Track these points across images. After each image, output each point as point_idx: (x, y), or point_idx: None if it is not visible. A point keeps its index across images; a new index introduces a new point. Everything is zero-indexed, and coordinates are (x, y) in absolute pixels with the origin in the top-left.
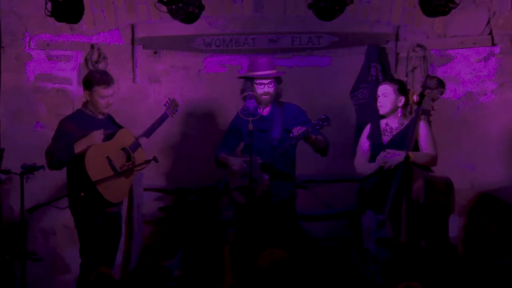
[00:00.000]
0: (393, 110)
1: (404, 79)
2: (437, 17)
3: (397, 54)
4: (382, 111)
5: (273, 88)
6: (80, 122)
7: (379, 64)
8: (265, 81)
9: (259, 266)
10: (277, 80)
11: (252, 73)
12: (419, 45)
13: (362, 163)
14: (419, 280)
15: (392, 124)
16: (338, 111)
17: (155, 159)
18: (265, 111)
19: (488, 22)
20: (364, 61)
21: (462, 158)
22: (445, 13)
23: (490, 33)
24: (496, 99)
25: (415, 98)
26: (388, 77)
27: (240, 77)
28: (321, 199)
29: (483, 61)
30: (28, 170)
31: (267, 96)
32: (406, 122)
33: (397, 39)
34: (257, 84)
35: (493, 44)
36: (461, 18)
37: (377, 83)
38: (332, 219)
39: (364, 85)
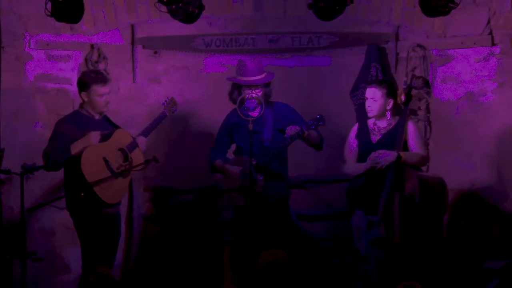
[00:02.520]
0: (382, 113)
1: (404, 79)
2: (437, 17)
3: (397, 54)
4: (370, 114)
5: (260, 92)
6: (77, 123)
7: (379, 64)
8: (251, 87)
9: (259, 266)
10: (265, 84)
11: (239, 78)
12: (419, 45)
13: (351, 163)
14: (414, 279)
15: (380, 124)
16: (338, 111)
17: (155, 159)
18: (256, 112)
19: (488, 22)
20: (364, 61)
21: (462, 158)
22: (445, 13)
23: (490, 33)
24: (496, 99)
25: (403, 98)
26: (376, 80)
27: (229, 79)
28: (321, 199)
29: (483, 61)
30: (28, 170)
31: (253, 100)
32: (393, 121)
33: (397, 39)
34: (243, 88)
35: (493, 44)
36: (461, 18)
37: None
38: (332, 219)
39: (364, 85)
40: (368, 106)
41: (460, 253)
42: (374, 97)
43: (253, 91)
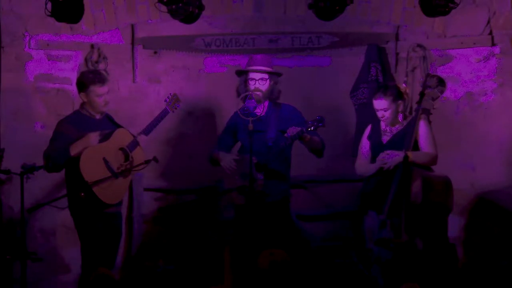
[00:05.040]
0: (396, 117)
1: (404, 79)
2: (437, 17)
3: (397, 54)
4: (386, 122)
5: (265, 86)
6: (78, 123)
7: (379, 64)
8: (256, 77)
9: (259, 266)
10: (273, 79)
11: (246, 67)
12: (419, 45)
13: (362, 164)
14: (418, 280)
15: (392, 126)
16: (338, 111)
17: (155, 159)
18: (262, 111)
19: (488, 22)
20: (364, 61)
21: (462, 158)
22: (445, 13)
23: (490, 33)
24: (496, 99)
25: (408, 91)
26: (381, 88)
27: (236, 72)
28: (321, 199)
29: (483, 61)
30: (28, 170)
31: (258, 93)
32: (406, 121)
33: (397, 39)
34: (249, 79)
35: (493, 44)
36: (461, 18)
37: (377, 83)
38: (332, 219)
39: (364, 85)
40: (382, 117)
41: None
42: (384, 107)
43: (258, 82)
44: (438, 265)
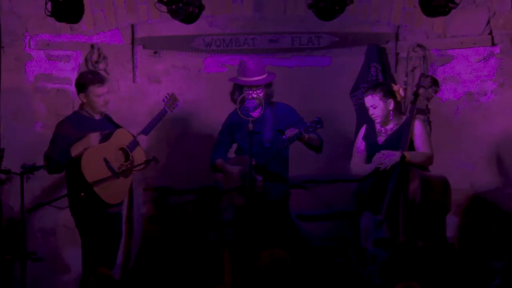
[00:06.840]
0: (386, 116)
1: (404, 79)
2: (437, 17)
3: (397, 54)
4: (377, 120)
5: (261, 93)
6: (77, 124)
7: (379, 64)
8: (253, 87)
9: (259, 266)
10: (267, 84)
11: (240, 78)
12: (419, 45)
13: (358, 164)
14: (417, 280)
15: (387, 126)
16: (338, 111)
17: (155, 159)
18: (256, 112)
19: (488, 22)
20: (364, 61)
21: (461, 158)
22: (445, 13)
23: (490, 33)
24: (496, 99)
25: (402, 93)
26: (370, 86)
27: (230, 80)
28: (321, 199)
29: (483, 61)
30: (28, 170)
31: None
32: (400, 121)
33: (397, 39)
34: (245, 88)
35: (493, 44)
36: (461, 18)
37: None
38: (332, 219)
39: (364, 85)
40: (372, 114)
41: (463, 253)
42: (373, 104)
43: (254, 92)
44: (437, 265)
